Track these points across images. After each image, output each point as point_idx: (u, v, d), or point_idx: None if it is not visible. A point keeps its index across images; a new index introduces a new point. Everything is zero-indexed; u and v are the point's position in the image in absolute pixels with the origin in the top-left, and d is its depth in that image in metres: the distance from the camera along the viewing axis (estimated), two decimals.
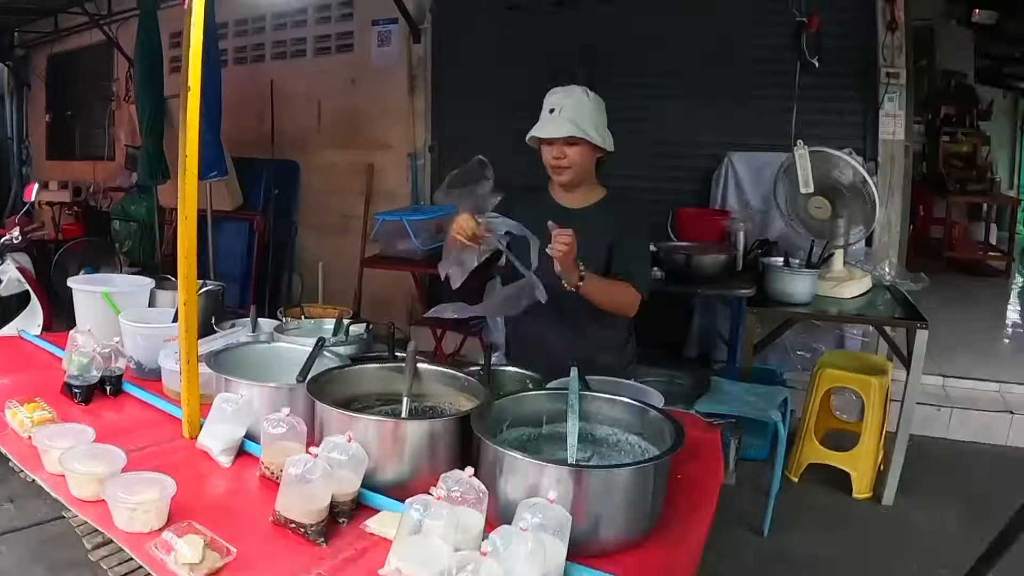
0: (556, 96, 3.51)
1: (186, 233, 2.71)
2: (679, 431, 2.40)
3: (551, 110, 3.48)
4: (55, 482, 2.52)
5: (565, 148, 3.48)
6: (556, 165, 3.54)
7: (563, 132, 3.43)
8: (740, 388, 5.09)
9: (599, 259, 3.53)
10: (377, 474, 2.42)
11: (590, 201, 3.68)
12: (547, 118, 3.49)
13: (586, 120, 3.43)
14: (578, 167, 3.53)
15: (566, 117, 3.42)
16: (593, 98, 3.52)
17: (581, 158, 3.51)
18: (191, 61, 2.63)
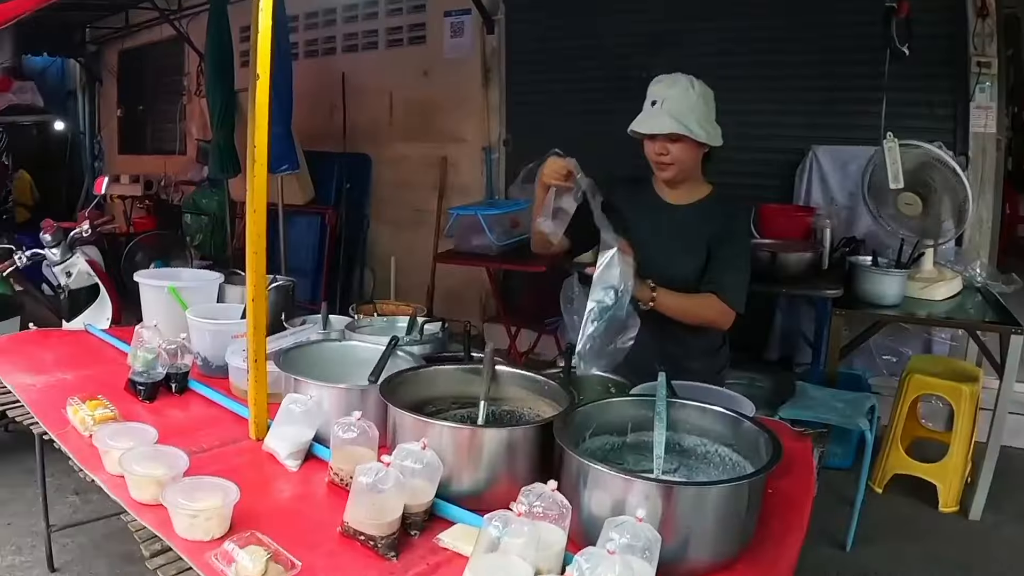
0: (659, 86, 3.29)
1: (255, 227, 2.59)
2: (776, 445, 2.22)
3: (652, 102, 3.27)
4: (114, 483, 2.44)
5: (668, 144, 3.27)
6: (659, 161, 3.35)
7: (664, 128, 3.22)
8: (826, 394, 4.87)
9: (698, 259, 3.37)
10: (452, 483, 2.29)
11: (694, 198, 3.48)
12: (648, 111, 3.28)
13: (689, 114, 3.21)
14: (681, 164, 3.33)
15: (667, 111, 3.20)
16: (699, 89, 3.28)
17: (684, 155, 3.30)
18: (260, 48, 2.51)
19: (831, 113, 6.55)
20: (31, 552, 4.62)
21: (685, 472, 2.50)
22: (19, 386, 3.35)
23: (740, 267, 3.39)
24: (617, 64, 7.03)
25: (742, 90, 6.60)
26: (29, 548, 4.66)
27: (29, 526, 4.83)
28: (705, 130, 3.23)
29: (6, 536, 4.79)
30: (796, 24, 6.56)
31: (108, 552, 4.56)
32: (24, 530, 4.83)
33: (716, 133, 3.30)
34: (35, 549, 4.62)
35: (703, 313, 3.32)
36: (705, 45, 6.75)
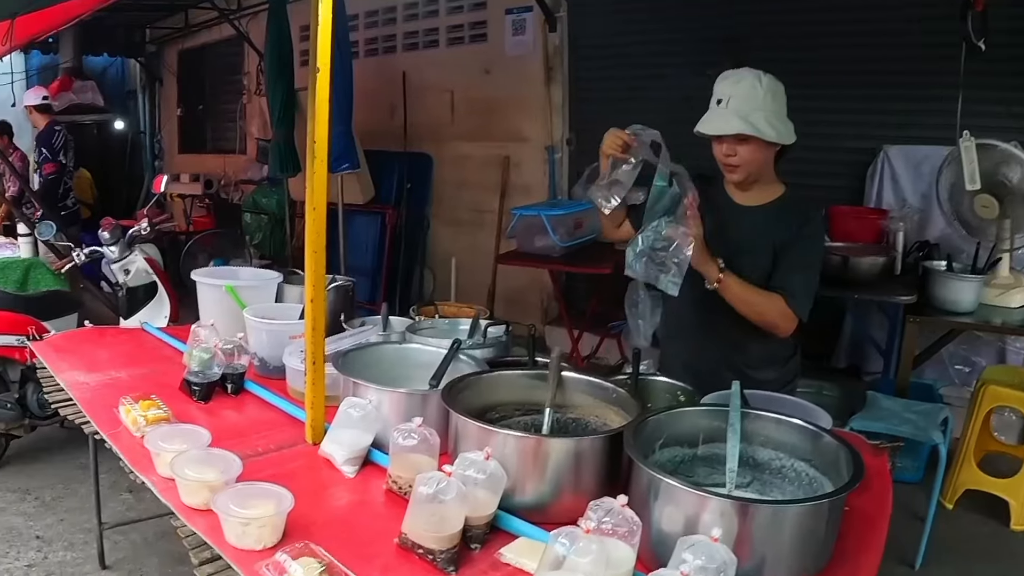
0: (725, 84, 3.12)
1: (314, 226, 2.51)
2: (858, 462, 2.09)
3: (718, 100, 3.11)
4: (165, 486, 2.38)
5: (736, 145, 3.11)
6: (726, 163, 3.19)
7: (730, 129, 3.06)
8: (898, 405, 4.72)
9: (760, 263, 3.18)
10: (515, 494, 2.20)
11: (764, 199, 3.29)
12: (713, 111, 3.12)
13: (757, 112, 3.03)
14: (750, 166, 3.16)
15: (733, 111, 3.04)
16: (767, 84, 3.09)
17: (753, 156, 3.12)
18: (320, 41, 2.43)
19: (903, 111, 6.32)
20: (83, 549, 4.64)
21: (758, 487, 2.38)
22: (72, 384, 3.32)
23: (809, 272, 3.18)
24: (685, 60, 6.88)
25: (813, 86, 6.42)
26: (81, 545, 4.68)
27: (82, 522, 4.87)
28: (775, 128, 3.05)
29: (59, 532, 4.83)
30: (868, 19, 6.34)
31: (159, 551, 4.55)
32: (77, 526, 4.87)
33: (787, 130, 3.12)
34: (87, 546, 4.64)
35: (766, 311, 3.12)
36: (775, 40, 6.58)
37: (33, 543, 4.71)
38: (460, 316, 3.89)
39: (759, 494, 2.34)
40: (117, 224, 5.51)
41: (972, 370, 6.10)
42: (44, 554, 4.60)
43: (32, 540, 4.74)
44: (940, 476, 4.58)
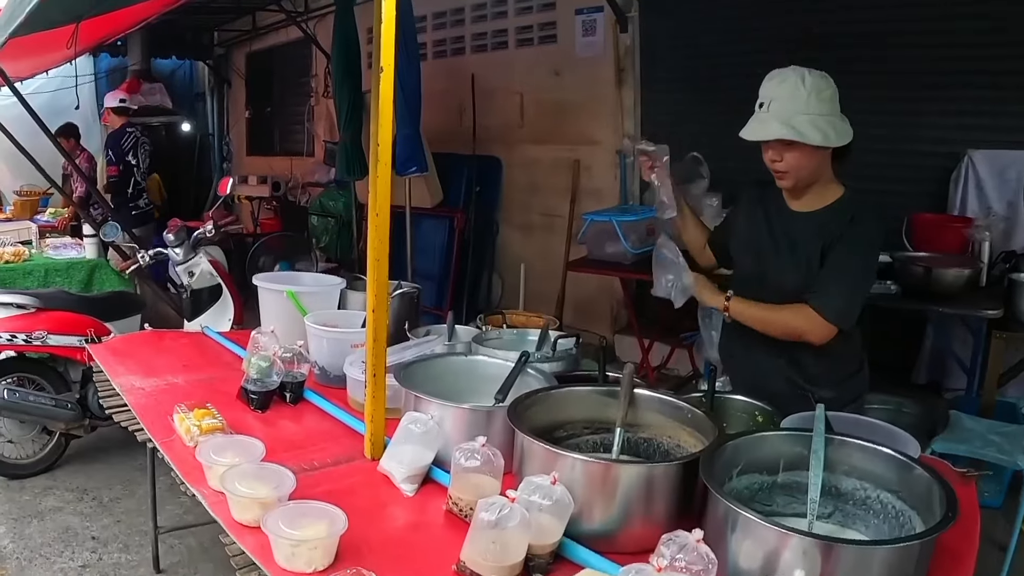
0: (768, 86, 2.96)
1: (377, 232, 2.40)
2: (951, 498, 1.94)
3: (760, 104, 2.96)
4: (216, 500, 2.31)
5: (781, 151, 2.95)
6: (775, 170, 3.03)
7: (770, 134, 2.89)
8: (983, 426, 4.53)
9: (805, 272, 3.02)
10: (581, 521, 2.08)
11: (821, 203, 3.11)
12: (756, 116, 2.97)
13: (801, 116, 2.85)
14: (798, 171, 2.98)
15: (774, 115, 2.88)
16: (811, 84, 2.88)
17: (800, 162, 2.95)
18: (383, 39, 2.33)
19: (988, 113, 6.03)
20: (138, 551, 4.64)
21: (840, 518, 2.24)
22: (128, 389, 3.28)
23: (847, 275, 2.97)
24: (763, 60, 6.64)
25: (894, 87, 6.25)
26: (137, 547, 4.68)
27: (139, 524, 4.88)
28: (821, 131, 2.86)
29: (115, 534, 4.83)
30: (951, 16, 6.08)
31: (215, 557, 4.51)
32: (133, 528, 4.88)
33: (839, 131, 2.92)
34: (143, 548, 4.63)
35: (787, 324, 2.99)
36: (857, 40, 6.38)
37: (88, 544, 4.72)
38: (529, 326, 3.76)
39: (841, 526, 2.22)
40: (183, 226, 5.50)
41: None
42: (99, 555, 4.61)
43: (88, 541, 4.75)
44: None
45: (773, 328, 3.01)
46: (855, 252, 2.97)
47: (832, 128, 2.89)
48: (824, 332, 2.92)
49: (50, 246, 7.51)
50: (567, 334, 3.37)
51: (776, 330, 3.00)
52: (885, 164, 6.27)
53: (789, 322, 2.96)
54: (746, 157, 3.27)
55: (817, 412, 2.27)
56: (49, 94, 11.52)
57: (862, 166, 6.18)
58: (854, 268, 2.98)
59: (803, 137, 2.83)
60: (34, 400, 5.25)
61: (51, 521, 4.93)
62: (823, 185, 3.08)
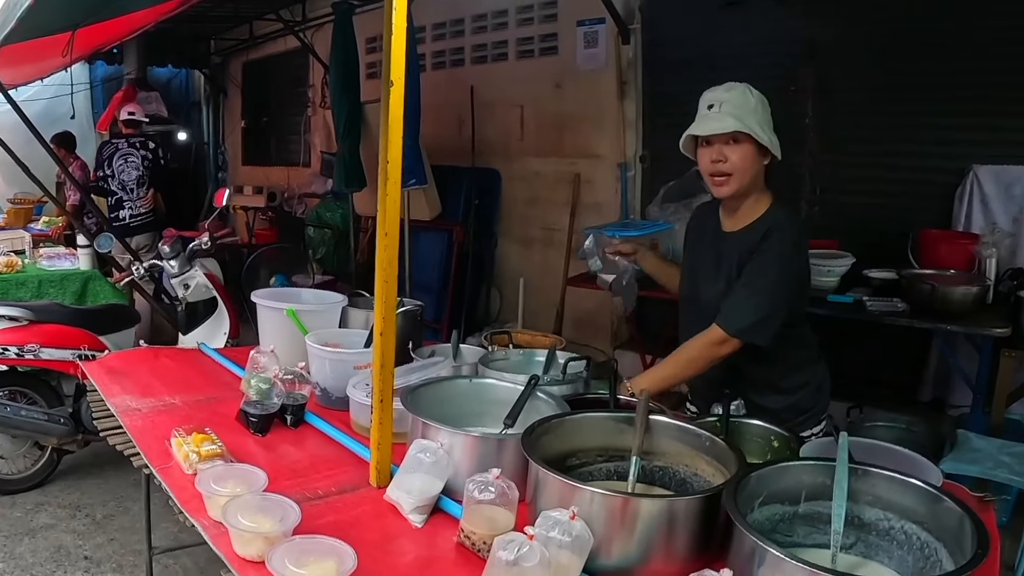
0: (715, 92, 3.06)
1: (386, 253, 2.29)
2: (982, 533, 1.86)
3: (709, 106, 3.03)
4: (217, 532, 2.22)
5: (725, 149, 2.99)
6: (716, 171, 3.04)
7: (727, 127, 2.94)
8: (992, 445, 4.45)
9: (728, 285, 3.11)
10: (599, 556, 1.99)
11: (748, 221, 3.17)
12: (706, 115, 3.03)
13: (750, 116, 2.96)
14: (742, 174, 3.01)
15: (728, 113, 2.95)
16: (758, 96, 3.03)
17: (744, 163, 2.99)
18: (394, 52, 2.23)
19: (994, 128, 5.95)
20: (132, 572, 4.59)
21: (863, 549, 2.16)
22: (124, 410, 3.19)
23: (750, 287, 3.02)
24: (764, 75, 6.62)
25: (898, 101, 6.19)
26: (131, 567, 4.63)
27: (132, 543, 4.82)
28: (767, 135, 2.97)
29: (108, 553, 4.78)
30: (955, 30, 6.01)
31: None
32: (127, 548, 4.82)
33: (776, 143, 3.02)
34: (136, 569, 4.58)
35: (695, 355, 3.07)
36: (860, 54, 6.33)
37: (81, 564, 4.66)
38: (534, 345, 3.68)
39: (864, 557, 2.15)
40: (178, 237, 5.43)
41: None
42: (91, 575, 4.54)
43: (80, 560, 4.69)
44: None
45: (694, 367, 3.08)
46: (764, 266, 3.01)
47: (773, 138, 3.02)
48: (729, 348, 2.99)
49: (44, 256, 7.45)
50: (577, 356, 3.29)
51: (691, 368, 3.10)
52: (889, 180, 6.22)
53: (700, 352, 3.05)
54: None
55: (840, 441, 2.20)
56: (44, 102, 11.50)
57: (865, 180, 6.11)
58: (756, 283, 3.01)
59: (756, 134, 2.93)
60: (26, 414, 5.19)
61: (43, 539, 4.87)
62: (754, 200, 3.14)
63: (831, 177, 6.36)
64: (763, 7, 6.92)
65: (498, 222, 9.28)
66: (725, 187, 3.04)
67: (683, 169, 6.90)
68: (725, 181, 3.02)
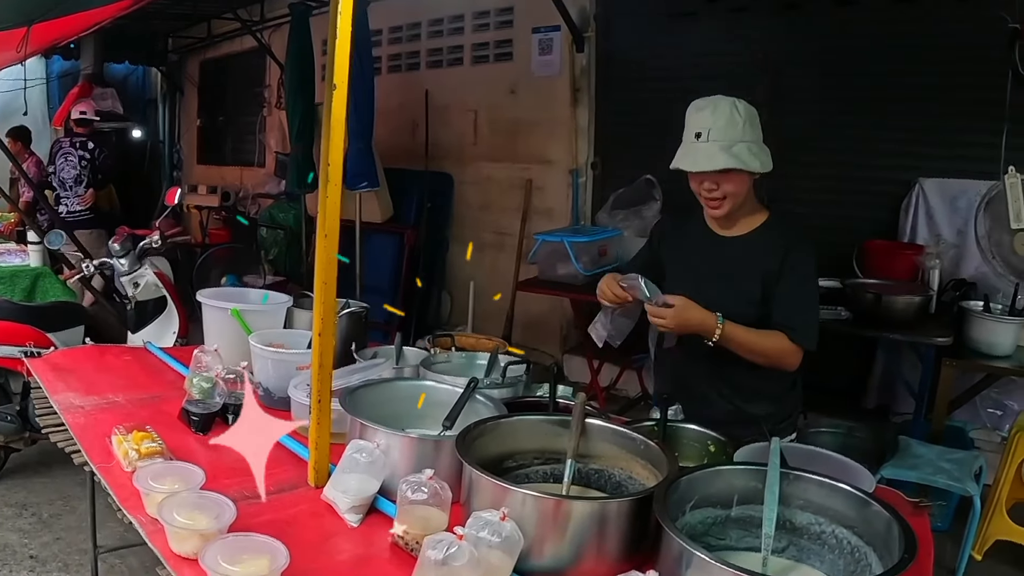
0: (701, 115, 2.99)
1: (325, 254, 2.32)
2: (910, 537, 1.90)
3: (696, 134, 2.97)
4: (154, 529, 2.21)
5: (718, 178, 2.98)
6: (710, 197, 3.05)
7: (715, 165, 2.91)
8: (933, 452, 4.54)
9: (750, 295, 3.06)
10: (531, 557, 2.02)
11: (747, 228, 3.17)
12: (693, 146, 2.98)
13: (740, 144, 2.91)
14: (735, 198, 3.03)
15: (717, 145, 2.91)
16: (744, 111, 2.97)
17: (738, 188, 3.00)
18: (338, 56, 2.26)
19: (941, 143, 6.11)
20: (78, 571, 4.54)
21: (795, 552, 2.20)
22: (67, 408, 3.16)
23: (808, 301, 3.06)
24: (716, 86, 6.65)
25: (848, 114, 6.30)
26: (76, 567, 4.58)
27: (79, 543, 4.76)
28: (758, 158, 2.94)
29: (54, 552, 4.72)
30: (907, 49, 6.13)
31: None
32: (73, 547, 4.77)
33: (767, 157, 2.98)
34: (83, 568, 4.53)
35: (772, 351, 3.00)
36: (812, 67, 6.42)
37: (27, 563, 4.60)
38: (478, 348, 3.70)
39: (796, 560, 2.18)
40: (128, 235, 5.40)
41: (1004, 414, 5.91)
42: (37, 574, 4.49)
43: (26, 560, 4.63)
44: (974, 529, 4.43)
45: (757, 354, 3.00)
46: (806, 276, 3.04)
47: (764, 154, 2.97)
48: (798, 360, 3.01)
49: None
50: (517, 359, 3.32)
51: (760, 356, 3.00)
52: (838, 191, 6.33)
53: (774, 351, 2.99)
54: None
55: (772, 446, 2.22)
56: None
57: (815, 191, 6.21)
58: (810, 294, 3.06)
59: (747, 166, 2.90)
60: None
61: None
62: (749, 210, 3.15)
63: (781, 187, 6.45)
64: (717, 19, 7.03)
65: (450, 226, 9.33)
66: (720, 209, 3.05)
67: (633, 177, 7.00)
68: (719, 204, 3.04)
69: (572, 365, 7.66)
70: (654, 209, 6.88)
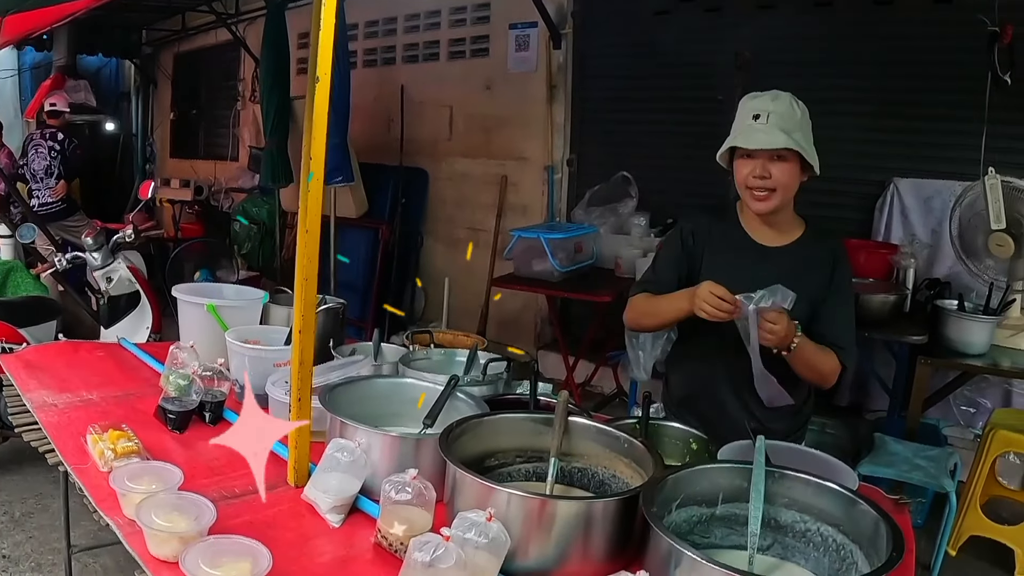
0: (760, 100, 2.89)
1: (306, 250, 2.29)
2: (897, 536, 1.91)
3: (755, 116, 2.85)
4: (132, 531, 2.17)
5: (770, 166, 2.84)
6: (759, 187, 2.88)
7: (777, 143, 2.78)
8: (908, 449, 4.54)
9: (802, 309, 2.86)
10: (516, 557, 2.00)
11: (788, 238, 3.04)
12: (752, 126, 2.85)
13: (798, 131, 2.82)
14: (785, 191, 2.88)
15: (776, 125, 2.80)
16: (802, 109, 2.91)
17: (789, 180, 2.86)
18: (320, 48, 2.22)
19: (916, 143, 6.16)
20: (51, 571, 4.48)
21: (780, 550, 2.21)
22: (40, 406, 3.12)
23: (853, 320, 3.01)
24: (692, 84, 6.79)
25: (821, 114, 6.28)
26: (49, 566, 4.51)
27: (52, 541, 4.70)
28: (812, 153, 2.85)
29: (27, 552, 4.65)
30: (885, 49, 6.19)
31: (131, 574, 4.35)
32: (46, 546, 4.70)
33: (816, 158, 2.89)
34: (56, 568, 4.47)
35: (826, 369, 2.92)
36: (786, 66, 6.41)
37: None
38: (456, 345, 3.67)
39: (781, 558, 2.20)
40: (102, 229, 5.35)
41: (977, 411, 5.98)
42: (9, 574, 4.43)
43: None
44: (949, 525, 4.42)
45: (814, 370, 2.92)
46: (852, 295, 3.05)
47: (815, 153, 2.88)
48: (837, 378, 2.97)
49: None
50: (497, 357, 3.30)
51: (814, 372, 2.93)
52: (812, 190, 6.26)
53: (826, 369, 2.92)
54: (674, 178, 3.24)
55: (757, 444, 2.23)
56: None
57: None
58: (853, 312, 3.03)
59: (804, 151, 2.80)
60: None
61: None
62: (787, 217, 3.03)
63: None
64: (693, 17, 7.05)
65: (424, 221, 9.30)
66: (766, 202, 2.89)
67: (608, 174, 6.99)
68: (767, 196, 2.88)
69: (547, 362, 7.66)
70: (630, 206, 6.88)
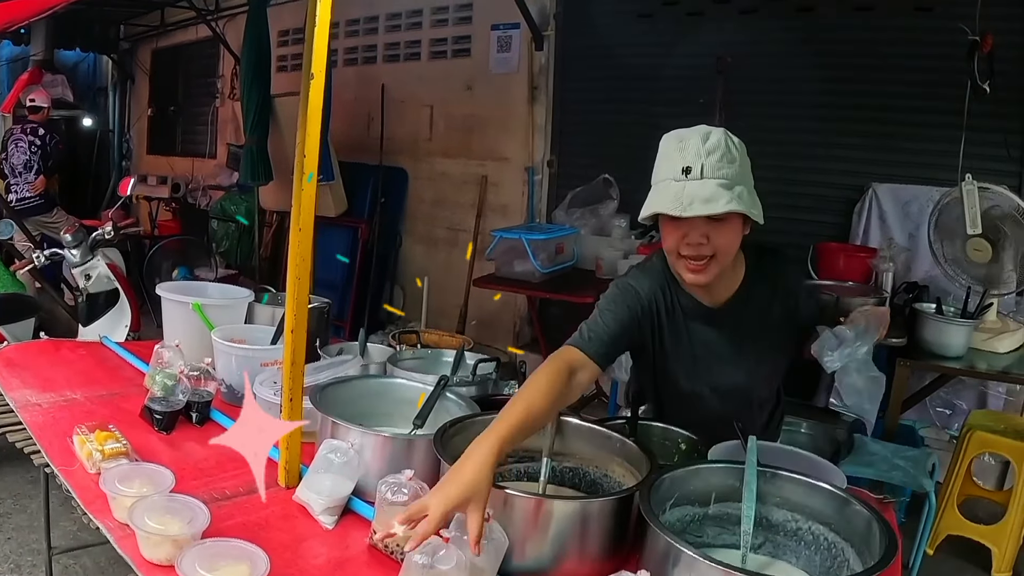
0: (688, 146, 2.30)
1: (299, 249, 2.29)
2: (891, 535, 1.92)
3: (685, 169, 2.27)
4: (123, 534, 2.14)
5: (708, 229, 2.34)
6: (695, 255, 2.39)
7: (718, 207, 2.25)
8: (887, 450, 4.60)
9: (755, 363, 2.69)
10: (513, 558, 2.01)
11: (731, 291, 2.62)
12: (680, 185, 2.29)
13: (740, 184, 2.32)
14: (725, 256, 2.42)
15: (713, 179, 2.27)
16: (739, 147, 2.35)
17: (730, 242, 2.41)
18: (316, 44, 2.22)
19: (894, 149, 6.21)
20: (31, 571, 4.41)
21: (771, 549, 2.23)
22: (23, 405, 3.08)
23: None
24: (674, 87, 6.80)
25: (803, 118, 6.37)
26: (29, 567, 4.45)
27: (31, 543, 4.64)
28: (758, 206, 2.37)
29: (5, 554, 4.58)
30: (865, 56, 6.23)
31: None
32: (25, 547, 4.63)
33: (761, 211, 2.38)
34: (36, 569, 4.40)
35: None
36: (768, 71, 6.47)
37: None
38: (441, 345, 3.69)
39: (772, 557, 2.22)
40: (80, 226, 5.32)
41: (953, 413, 6.03)
42: None
43: None
44: (928, 525, 4.51)
45: None
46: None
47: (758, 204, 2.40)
48: None
49: None
50: (486, 357, 3.30)
51: None
52: (792, 194, 6.37)
53: None
54: None
55: (749, 444, 2.25)
56: None
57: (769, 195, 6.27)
58: None
59: (752, 213, 2.34)
60: None
61: None
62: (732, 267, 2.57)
63: None
64: (675, 21, 7.07)
65: (403, 221, 9.29)
66: (704, 274, 2.42)
67: (590, 176, 7.00)
68: (704, 267, 2.40)
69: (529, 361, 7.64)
70: (611, 208, 6.90)
